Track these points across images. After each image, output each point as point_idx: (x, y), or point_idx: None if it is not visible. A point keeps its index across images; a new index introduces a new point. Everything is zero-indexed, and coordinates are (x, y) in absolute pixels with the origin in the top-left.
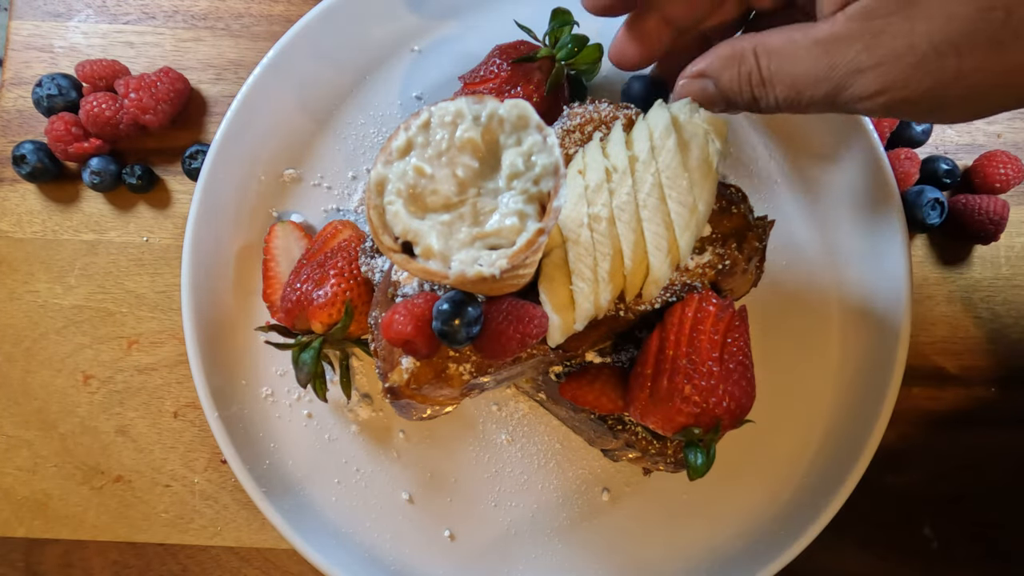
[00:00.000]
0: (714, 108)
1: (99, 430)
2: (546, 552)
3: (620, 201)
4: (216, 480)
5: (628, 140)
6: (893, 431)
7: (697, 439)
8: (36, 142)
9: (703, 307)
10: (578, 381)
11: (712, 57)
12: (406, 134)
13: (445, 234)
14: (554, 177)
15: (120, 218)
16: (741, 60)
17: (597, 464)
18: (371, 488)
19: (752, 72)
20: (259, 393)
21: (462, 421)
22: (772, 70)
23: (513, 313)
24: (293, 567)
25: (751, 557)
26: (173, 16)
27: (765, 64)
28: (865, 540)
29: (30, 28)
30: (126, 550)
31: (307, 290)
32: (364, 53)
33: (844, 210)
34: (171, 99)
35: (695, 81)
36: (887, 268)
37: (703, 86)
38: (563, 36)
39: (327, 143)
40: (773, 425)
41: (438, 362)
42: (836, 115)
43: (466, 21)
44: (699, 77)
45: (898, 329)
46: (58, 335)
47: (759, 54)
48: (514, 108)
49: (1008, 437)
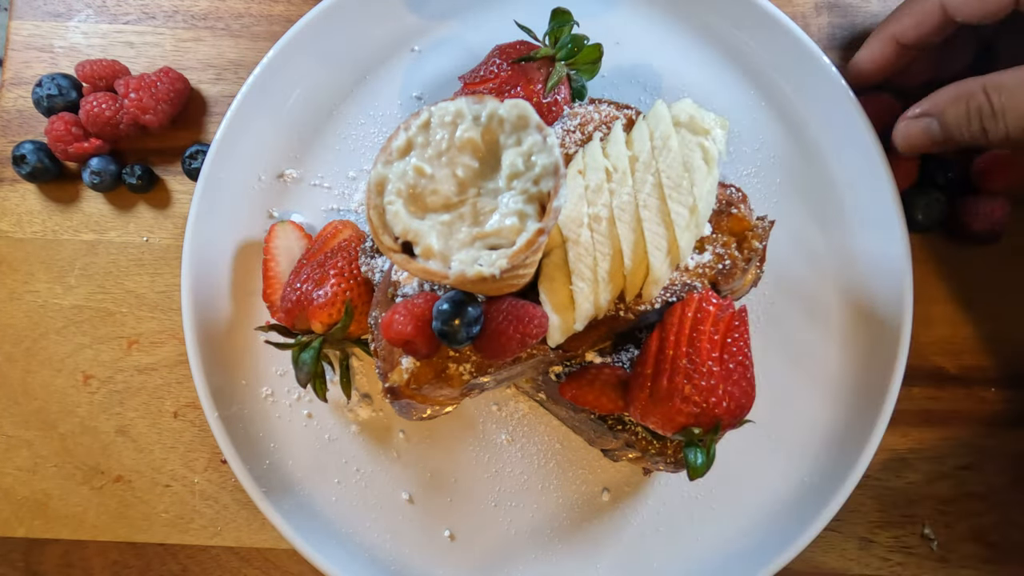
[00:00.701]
0: (935, 148)
1: (99, 430)
2: (546, 552)
3: (621, 201)
4: (216, 480)
5: (628, 140)
6: (893, 431)
7: (697, 439)
8: (36, 142)
9: (703, 307)
10: (578, 381)
11: (935, 98)
12: (406, 134)
13: (445, 234)
14: (554, 177)
15: (120, 218)
16: (969, 97)
17: (597, 464)
18: (371, 488)
19: (982, 107)
20: (259, 393)
21: (462, 421)
22: (1004, 103)
23: (513, 313)
24: (293, 567)
25: (751, 556)
26: (173, 16)
27: (996, 99)
28: (865, 540)
29: (30, 28)
30: (126, 550)
31: (307, 290)
32: (364, 53)
33: (844, 210)
34: (171, 99)
35: (917, 121)
36: (887, 268)
37: (927, 125)
38: (563, 36)
39: (327, 143)
40: (773, 425)
41: (438, 362)
42: (836, 114)
43: (466, 21)
44: (922, 117)
45: (898, 329)
46: (58, 335)
47: (989, 90)
48: (514, 108)
49: (1008, 437)
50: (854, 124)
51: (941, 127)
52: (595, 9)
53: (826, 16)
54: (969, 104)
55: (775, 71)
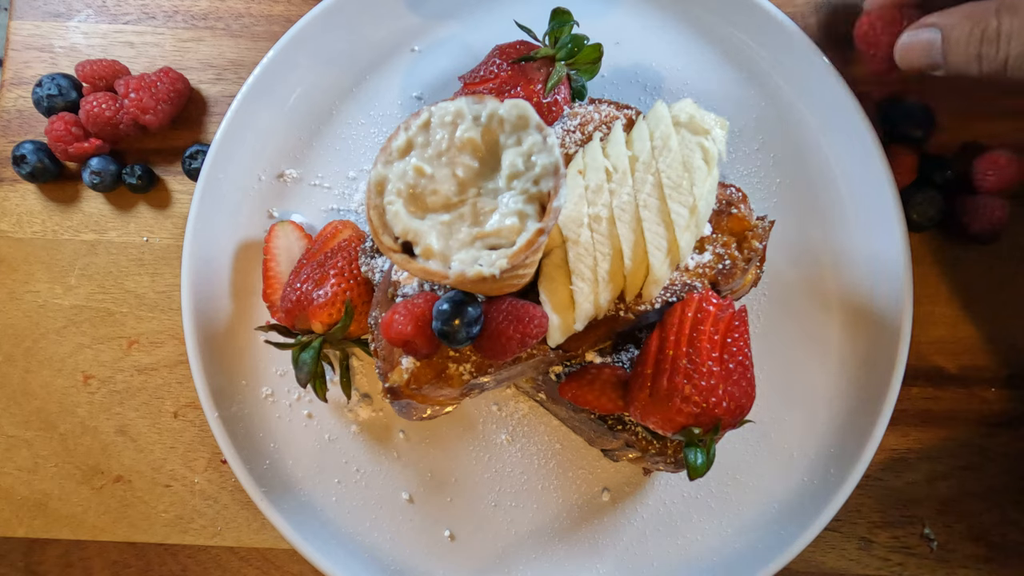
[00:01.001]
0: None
1: (99, 430)
2: (546, 552)
3: (621, 201)
4: (216, 480)
5: (628, 140)
6: (893, 431)
7: (697, 439)
8: (36, 142)
9: (703, 307)
10: (578, 381)
11: (949, 12)
12: (406, 134)
13: (445, 234)
14: (554, 177)
15: (120, 218)
16: (981, 16)
17: (597, 464)
18: (371, 488)
19: (988, 27)
20: (259, 393)
21: (462, 421)
22: (1015, 26)
23: (513, 313)
24: (293, 567)
25: (751, 557)
26: (173, 16)
27: (1007, 21)
28: (865, 540)
29: (30, 28)
30: (126, 550)
31: (307, 290)
32: (364, 53)
33: (844, 210)
34: (171, 99)
35: (921, 33)
36: (887, 268)
37: (930, 40)
38: (563, 36)
39: (327, 143)
40: (773, 425)
41: (438, 362)
42: (836, 114)
43: (466, 21)
44: (929, 27)
45: (898, 329)
46: (58, 335)
47: (1002, 12)
48: (514, 108)
49: (1008, 437)
50: (854, 124)
51: (943, 45)
52: (595, 9)
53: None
54: (977, 24)
55: (775, 71)
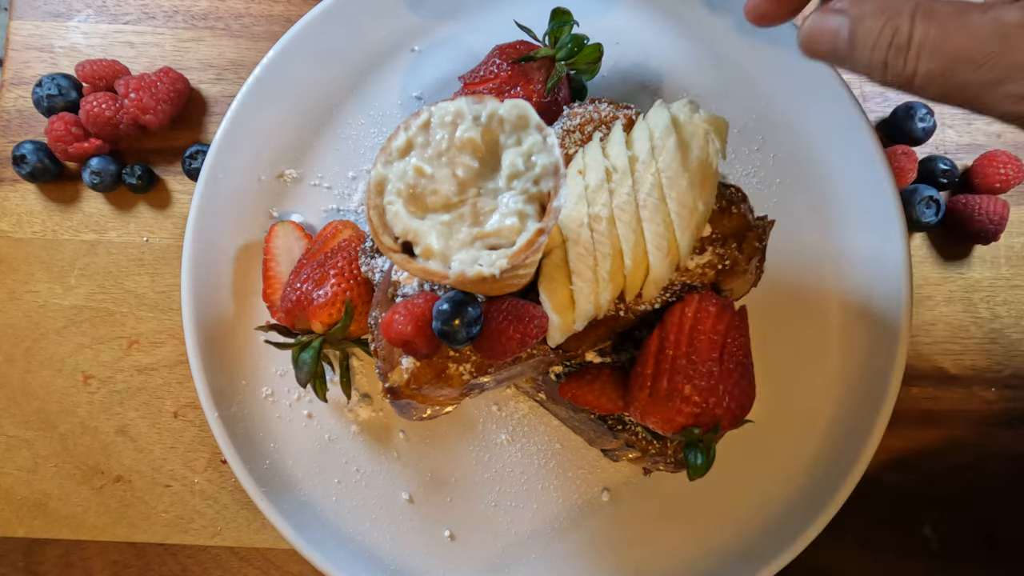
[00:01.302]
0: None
1: (99, 430)
2: (546, 552)
3: (620, 201)
4: (216, 480)
5: (628, 140)
6: (893, 431)
7: (697, 439)
8: (36, 142)
9: (703, 307)
10: (578, 381)
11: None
12: (406, 134)
13: (445, 234)
14: (554, 177)
15: (120, 218)
16: (895, 14)
17: (597, 464)
18: (371, 488)
19: (899, 32)
20: (259, 393)
21: (462, 421)
22: (929, 37)
23: (513, 313)
24: (293, 567)
25: (751, 557)
26: (173, 16)
27: (922, 29)
28: (865, 540)
29: (30, 28)
30: (126, 550)
31: (307, 290)
32: (364, 53)
33: (844, 209)
34: (171, 99)
35: (831, 18)
36: (887, 268)
37: (837, 27)
38: (563, 36)
39: (327, 143)
40: (773, 425)
41: (438, 362)
42: (836, 113)
43: (466, 21)
44: (838, 13)
45: (898, 329)
46: (58, 335)
47: (918, 15)
48: (514, 108)
49: (1008, 437)
50: (853, 124)
51: (849, 38)
52: (595, 9)
53: None
54: (889, 21)
55: (775, 71)
